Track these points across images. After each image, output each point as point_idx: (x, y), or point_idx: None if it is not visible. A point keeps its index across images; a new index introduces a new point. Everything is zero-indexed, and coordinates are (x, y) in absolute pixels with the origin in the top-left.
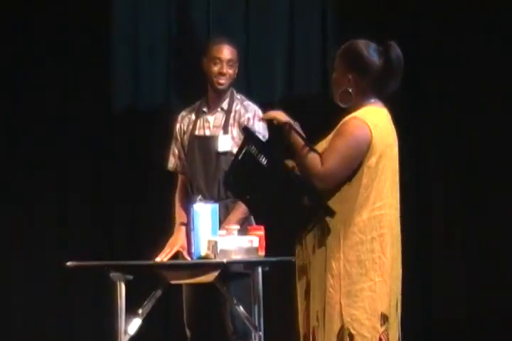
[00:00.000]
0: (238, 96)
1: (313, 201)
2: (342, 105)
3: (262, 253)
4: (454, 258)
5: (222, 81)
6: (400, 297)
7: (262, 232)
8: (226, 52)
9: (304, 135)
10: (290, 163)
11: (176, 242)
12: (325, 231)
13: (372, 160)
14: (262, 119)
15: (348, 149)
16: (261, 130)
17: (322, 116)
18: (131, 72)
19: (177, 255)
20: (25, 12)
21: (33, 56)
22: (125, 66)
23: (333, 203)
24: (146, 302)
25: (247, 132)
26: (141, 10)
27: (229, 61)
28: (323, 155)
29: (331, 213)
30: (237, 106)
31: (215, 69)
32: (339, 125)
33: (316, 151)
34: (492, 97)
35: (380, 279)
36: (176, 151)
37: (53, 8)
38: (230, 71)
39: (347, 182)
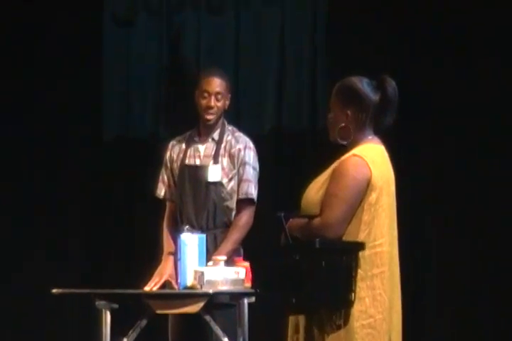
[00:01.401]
0: (229, 128)
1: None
2: (342, 142)
3: (248, 284)
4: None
5: (209, 117)
6: (400, 331)
7: (248, 264)
8: (214, 84)
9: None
10: None
11: (165, 271)
12: None
13: (372, 197)
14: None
15: (347, 191)
16: (251, 161)
17: (311, 148)
18: (122, 103)
19: (165, 284)
20: (14, 43)
21: (25, 87)
22: (115, 97)
23: None
24: (131, 331)
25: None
26: (132, 42)
27: (217, 94)
28: (323, 203)
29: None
30: (228, 137)
31: (203, 102)
32: (337, 163)
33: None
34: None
35: (380, 316)
36: (165, 179)
37: (45, 38)
38: (219, 104)
39: None
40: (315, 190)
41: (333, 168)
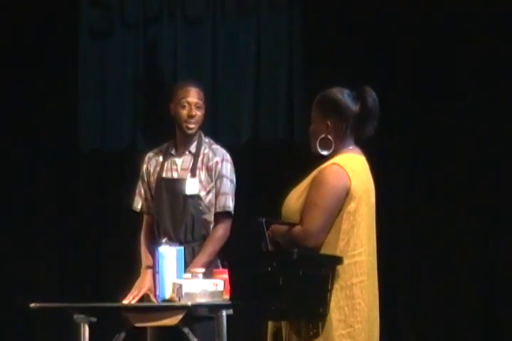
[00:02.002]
0: (206, 140)
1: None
2: (322, 153)
3: (227, 296)
4: None
5: (191, 125)
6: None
7: (226, 276)
8: (193, 94)
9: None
10: None
11: (144, 285)
12: None
13: (351, 206)
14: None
15: (327, 199)
16: (228, 173)
17: (288, 160)
18: (98, 116)
19: (143, 298)
20: None
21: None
22: (92, 109)
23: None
24: None
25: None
26: (108, 54)
27: (196, 103)
28: (304, 211)
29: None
30: (205, 150)
31: (184, 112)
32: (317, 172)
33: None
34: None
35: (359, 326)
36: (142, 192)
37: (21, 50)
38: (199, 113)
39: None
40: (295, 198)
41: (312, 176)
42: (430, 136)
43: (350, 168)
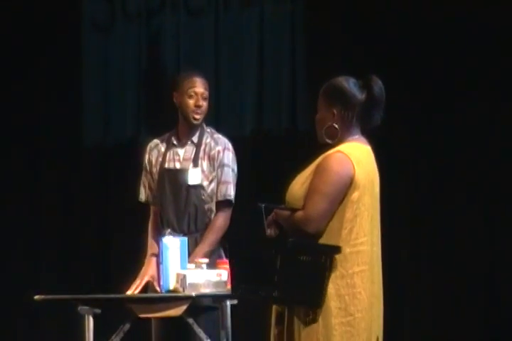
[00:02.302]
0: (208, 130)
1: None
2: (328, 141)
3: (230, 286)
4: None
5: (197, 116)
6: (381, 336)
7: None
8: (200, 85)
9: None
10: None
11: (147, 272)
12: None
13: (355, 195)
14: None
15: (330, 186)
16: (230, 162)
17: (292, 150)
18: (101, 107)
19: (147, 286)
20: None
21: (3, 95)
22: (95, 100)
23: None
24: (114, 335)
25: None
26: (110, 46)
27: (203, 93)
28: (306, 197)
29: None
30: (207, 140)
31: (191, 102)
32: (321, 158)
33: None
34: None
35: (359, 315)
36: (146, 183)
37: (23, 44)
38: (205, 103)
39: None
40: (299, 184)
41: (317, 162)
42: (431, 133)
43: (355, 156)
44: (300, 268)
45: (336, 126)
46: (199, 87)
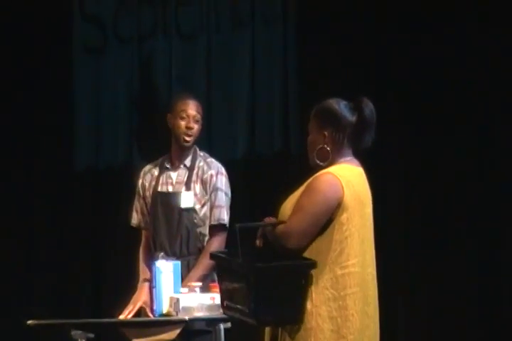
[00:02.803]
0: (201, 154)
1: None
2: (320, 163)
3: None
4: None
5: (188, 138)
6: None
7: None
8: (193, 107)
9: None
10: None
11: (139, 298)
12: None
13: (344, 216)
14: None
15: (314, 206)
16: (223, 186)
17: (284, 173)
18: (93, 130)
19: (140, 312)
20: None
21: None
22: (87, 124)
23: (307, 256)
24: None
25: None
26: (102, 69)
27: (195, 116)
28: (291, 213)
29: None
30: (200, 163)
31: (182, 123)
32: (311, 179)
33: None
34: None
35: (351, 337)
36: (139, 207)
37: (15, 66)
38: (196, 126)
39: (318, 236)
40: (290, 204)
41: (307, 183)
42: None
43: (345, 178)
44: (275, 286)
45: (328, 148)
46: (191, 109)
